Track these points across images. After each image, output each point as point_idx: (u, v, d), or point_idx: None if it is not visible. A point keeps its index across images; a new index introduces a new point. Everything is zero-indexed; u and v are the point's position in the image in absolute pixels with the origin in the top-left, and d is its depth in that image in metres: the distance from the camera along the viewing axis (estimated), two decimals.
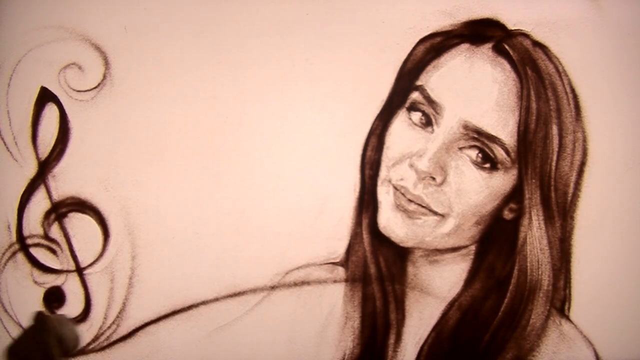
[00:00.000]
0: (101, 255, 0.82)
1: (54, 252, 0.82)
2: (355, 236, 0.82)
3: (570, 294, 0.82)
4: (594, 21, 0.82)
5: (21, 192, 0.81)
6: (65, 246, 0.82)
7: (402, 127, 0.80)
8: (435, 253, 0.82)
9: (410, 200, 0.78)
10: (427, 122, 0.79)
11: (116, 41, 0.82)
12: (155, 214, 0.82)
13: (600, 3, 0.83)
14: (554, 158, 0.78)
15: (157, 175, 0.82)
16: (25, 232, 0.81)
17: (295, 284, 0.82)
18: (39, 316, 0.64)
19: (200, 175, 0.81)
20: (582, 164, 0.80)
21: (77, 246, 0.82)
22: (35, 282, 0.82)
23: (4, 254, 0.81)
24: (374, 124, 0.81)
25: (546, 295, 0.80)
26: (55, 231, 0.82)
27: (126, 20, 0.82)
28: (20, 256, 0.81)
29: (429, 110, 0.78)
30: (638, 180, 0.83)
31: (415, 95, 0.80)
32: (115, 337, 0.82)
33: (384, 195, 0.80)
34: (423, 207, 0.78)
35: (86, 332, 0.81)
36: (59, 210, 0.81)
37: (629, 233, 0.83)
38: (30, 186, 0.81)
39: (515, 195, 0.79)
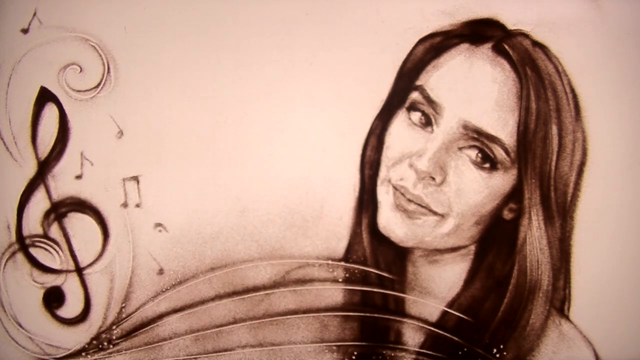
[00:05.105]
0: (101, 255, 0.82)
1: (53, 252, 0.82)
2: (355, 236, 0.82)
3: (570, 294, 0.82)
4: (594, 21, 0.82)
5: (21, 192, 0.81)
6: (64, 246, 0.82)
7: (401, 127, 0.80)
8: (435, 253, 0.82)
9: (410, 200, 0.78)
10: (427, 122, 0.79)
11: (116, 41, 0.82)
12: (155, 214, 0.82)
13: (600, 3, 0.83)
14: (554, 158, 0.78)
15: (157, 175, 0.82)
16: (25, 232, 0.81)
17: (295, 284, 0.82)
18: None
19: (200, 175, 0.81)
20: (582, 164, 0.80)
21: (77, 246, 0.82)
22: (35, 282, 0.82)
23: (3, 253, 0.81)
24: (373, 123, 0.81)
25: (546, 295, 0.80)
26: (55, 231, 0.82)
27: (126, 20, 0.82)
28: (19, 256, 0.81)
29: (428, 110, 0.78)
30: (638, 180, 0.82)
31: (415, 95, 0.80)
32: (115, 337, 0.82)
33: (384, 195, 0.80)
34: (423, 207, 0.78)
35: (86, 332, 0.82)
36: (59, 210, 0.81)
37: (629, 233, 0.83)
38: (29, 186, 0.81)
39: (514, 195, 0.79)
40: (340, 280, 0.82)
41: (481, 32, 0.80)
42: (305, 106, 0.82)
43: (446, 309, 0.82)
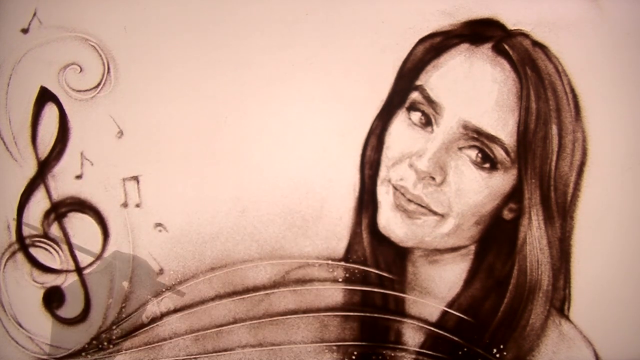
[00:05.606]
0: (101, 255, 0.82)
1: (53, 252, 0.82)
2: (355, 236, 0.82)
3: (570, 294, 0.82)
4: (594, 21, 0.82)
5: (21, 192, 0.81)
6: (65, 246, 0.82)
7: (401, 127, 0.80)
8: (435, 253, 0.82)
9: (410, 200, 0.78)
10: (427, 122, 0.79)
11: (116, 41, 0.82)
12: (155, 214, 0.82)
13: (600, 3, 0.83)
14: (554, 158, 0.78)
15: (157, 175, 0.82)
16: (25, 232, 0.81)
17: (295, 284, 0.82)
18: None
19: (200, 175, 0.81)
20: (582, 164, 0.80)
21: (77, 246, 0.82)
22: (35, 282, 0.82)
23: (3, 253, 0.81)
24: (373, 123, 0.81)
25: (546, 295, 0.80)
26: (55, 231, 0.82)
27: (126, 20, 0.82)
28: (19, 256, 0.81)
29: (428, 110, 0.78)
30: (638, 180, 0.82)
31: (415, 95, 0.80)
32: (115, 337, 0.82)
33: (384, 195, 0.80)
34: (423, 207, 0.78)
35: (85, 332, 0.82)
36: (59, 210, 0.81)
37: (629, 233, 0.83)
38: (29, 186, 0.81)
39: (514, 195, 0.79)
40: (340, 280, 0.82)
41: (481, 32, 0.80)
42: (305, 106, 0.82)
43: (446, 309, 0.82)
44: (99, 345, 0.82)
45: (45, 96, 0.81)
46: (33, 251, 0.82)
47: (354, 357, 0.82)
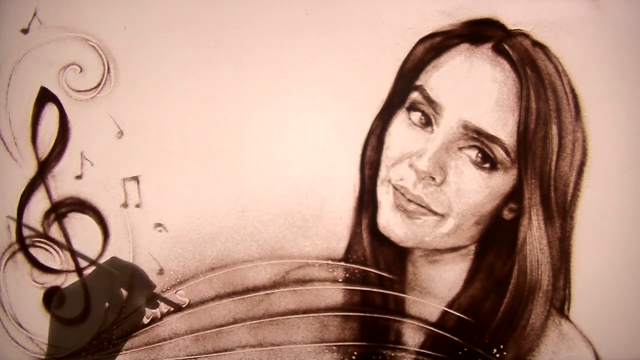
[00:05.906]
0: (101, 255, 0.82)
1: (53, 252, 0.82)
2: (355, 236, 0.82)
3: (570, 294, 0.82)
4: (594, 21, 0.82)
5: (21, 192, 0.81)
6: (65, 246, 0.82)
7: (401, 127, 0.80)
8: (435, 253, 0.82)
9: (410, 200, 0.78)
10: (427, 122, 0.79)
11: (116, 41, 0.82)
12: (155, 214, 0.82)
13: (600, 3, 0.83)
14: (554, 158, 0.78)
15: (156, 175, 0.82)
16: (25, 232, 0.81)
17: (295, 284, 0.82)
18: None
19: (200, 175, 0.81)
20: (582, 164, 0.80)
21: (77, 246, 0.82)
22: (35, 282, 0.82)
23: (3, 253, 0.81)
24: (373, 123, 0.81)
25: (546, 295, 0.80)
26: (55, 231, 0.82)
27: (126, 20, 0.82)
28: (19, 256, 0.82)
29: (428, 110, 0.78)
30: (638, 180, 0.82)
31: (415, 95, 0.80)
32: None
33: (384, 195, 0.80)
34: (423, 207, 0.78)
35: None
36: (59, 210, 0.81)
37: (629, 233, 0.83)
38: (30, 186, 0.81)
39: (514, 195, 0.79)
40: (340, 280, 0.82)
41: (481, 32, 0.80)
42: (305, 106, 0.82)
43: (446, 309, 0.82)
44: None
45: (45, 96, 0.81)
46: (33, 251, 0.82)
47: (354, 357, 0.82)
